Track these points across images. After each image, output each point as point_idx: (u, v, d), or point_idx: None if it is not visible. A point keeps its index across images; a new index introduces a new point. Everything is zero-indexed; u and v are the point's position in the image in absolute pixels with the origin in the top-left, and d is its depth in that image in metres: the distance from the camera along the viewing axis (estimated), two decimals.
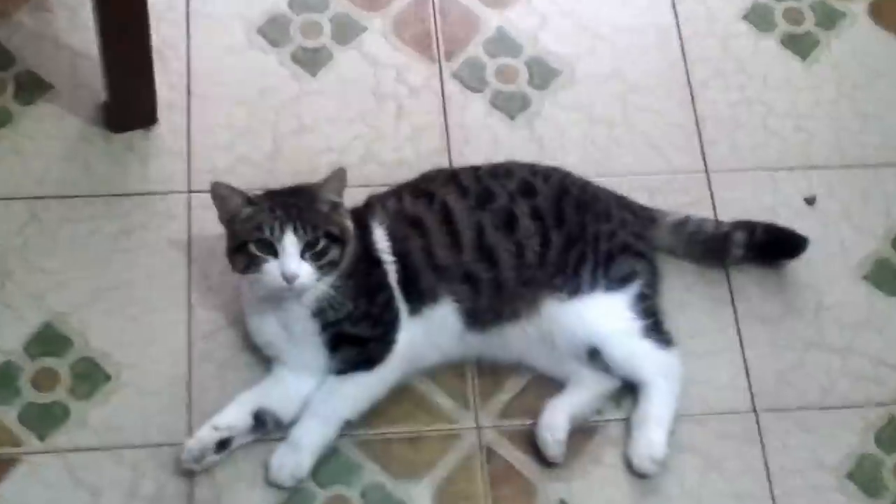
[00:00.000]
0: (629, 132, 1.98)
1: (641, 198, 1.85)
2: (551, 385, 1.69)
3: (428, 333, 1.65)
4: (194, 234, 1.78)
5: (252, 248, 1.53)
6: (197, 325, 1.71)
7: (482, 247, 1.65)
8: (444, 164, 1.88)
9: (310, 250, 1.53)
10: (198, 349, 1.70)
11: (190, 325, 1.72)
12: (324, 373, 1.65)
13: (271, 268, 1.52)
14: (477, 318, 1.65)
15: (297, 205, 1.56)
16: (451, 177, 1.75)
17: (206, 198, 1.61)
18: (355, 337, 1.61)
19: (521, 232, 1.67)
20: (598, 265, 1.68)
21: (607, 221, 1.73)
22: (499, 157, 1.86)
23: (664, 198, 1.87)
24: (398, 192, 1.73)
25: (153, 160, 1.87)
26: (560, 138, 1.96)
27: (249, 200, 1.58)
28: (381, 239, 1.66)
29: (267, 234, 1.52)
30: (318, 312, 1.59)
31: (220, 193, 1.58)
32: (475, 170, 1.76)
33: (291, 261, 1.51)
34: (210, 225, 1.66)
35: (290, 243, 1.51)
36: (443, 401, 1.68)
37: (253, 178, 1.80)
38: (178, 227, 1.80)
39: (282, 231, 1.52)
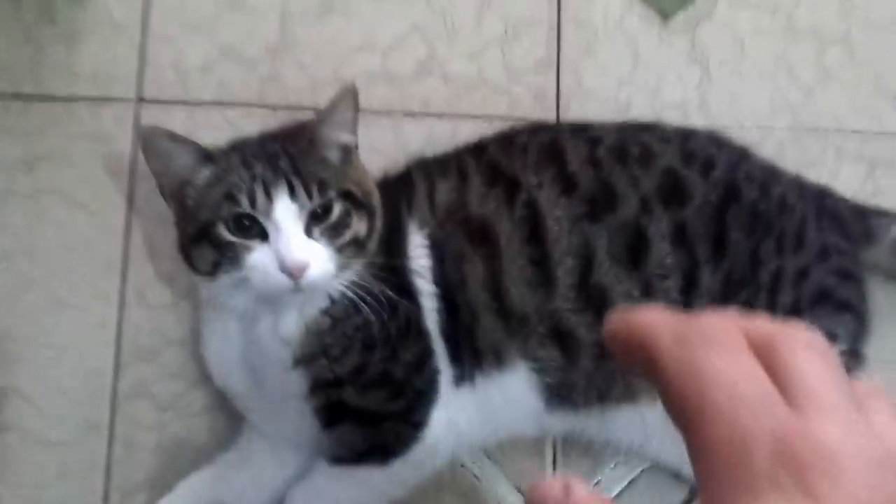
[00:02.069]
0: (858, 61, 1.27)
1: (858, 171, 1.20)
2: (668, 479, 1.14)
3: (483, 412, 1.05)
4: (142, 173, 1.15)
5: (223, 231, 0.95)
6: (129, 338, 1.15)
7: (587, 285, 1.02)
8: (548, 88, 1.22)
9: (320, 222, 0.96)
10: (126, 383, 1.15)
11: (119, 339, 1.16)
12: (312, 454, 1.08)
13: (261, 258, 0.95)
14: (568, 395, 1.05)
15: (288, 152, 0.98)
16: (551, 152, 1.08)
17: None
18: (363, 412, 1.03)
19: (652, 264, 1.03)
20: None
21: (798, 250, 1.07)
22: (636, 82, 1.22)
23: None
24: (460, 163, 1.10)
25: (86, 44, 1.21)
26: (739, 58, 1.26)
27: (208, 156, 0.99)
28: (418, 252, 1.06)
29: (246, 204, 0.96)
30: (305, 359, 1.01)
31: (158, 146, 1.00)
32: (592, 144, 1.08)
33: (293, 240, 0.95)
34: None
35: (287, 213, 0.96)
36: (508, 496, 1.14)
37: (241, 91, 1.19)
38: (117, 158, 1.18)
39: (269, 195, 0.96)
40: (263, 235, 0.95)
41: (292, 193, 0.95)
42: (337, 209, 0.97)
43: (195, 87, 1.19)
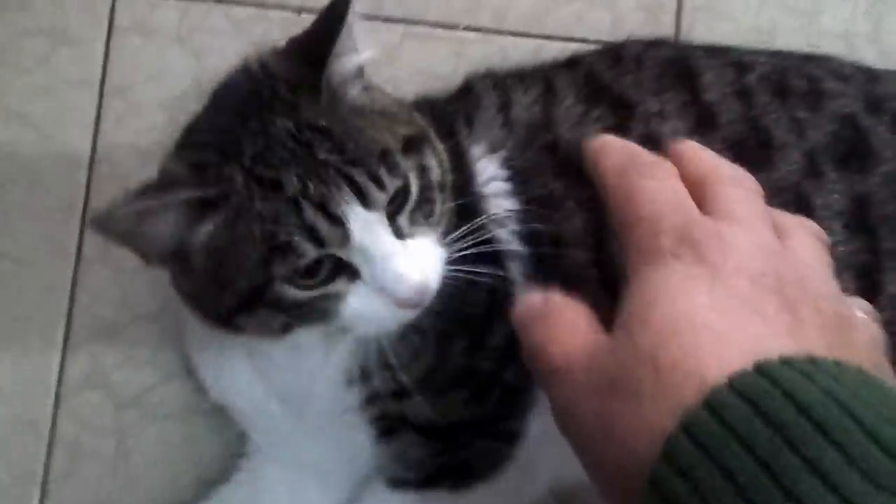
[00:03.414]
0: None
1: None
2: None
3: None
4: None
5: (288, 290, 0.65)
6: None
7: None
8: (665, 2, 0.94)
9: (403, 206, 0.67)
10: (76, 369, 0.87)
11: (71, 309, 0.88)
12: (358, 478, 0.81)
13: (365, 305, 0.66)
14: None
15: (318, 128, 0.66)
16: (679, 72, 0.81)
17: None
18: (434, 426, 0.77)
19: None
20: None
21: None
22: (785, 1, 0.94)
23: None
24: (546, 75, 0.83)
25: None
26: None
27: (203, 203, 0.65)
28: (493, 187, 0.78)
29: (308, 248, 0.64)
30: (361, 375, 0.75)
31: (122, 230, 0.65)
32: (738, 69, 0.81)
33: (398, 262, 0.65)
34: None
35: (369, 229, 0.65)
36: None
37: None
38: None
39: (334, 217, 0.64)
40: (351, 273, 0.65)
41: (361, 196, 0.65)
42: (412, 175, 0.67)
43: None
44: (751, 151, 0.77)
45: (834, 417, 0.38)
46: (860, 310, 0.48)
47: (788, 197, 0.76)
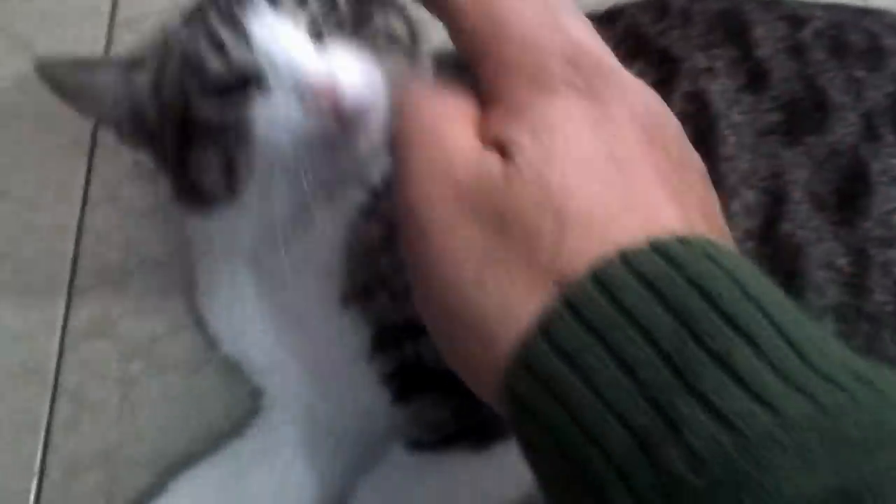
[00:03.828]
0: None
1: None
2: None
3: None
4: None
5: (200, 107, 0.65)
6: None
7: (772, 235, 0.71)
8: None
9: (327, 22, 0.65)
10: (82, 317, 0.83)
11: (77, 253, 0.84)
12: (374, 441, 0.77)
13: (268, 108, 0.64)
14: None
15: None
16: (730, 25, 0.76)
17: None
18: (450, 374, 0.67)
19: (872, 221, 0.71)
20: None
21: None
22: None
23: None
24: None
25: None
26: None
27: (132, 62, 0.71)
28: None
29: (209, 56, 0.65)
30: (356, 294, 0.70)
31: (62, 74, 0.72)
32: (792, 23, 0.76)
33: (300, 54, 0.63)
34: None
35: (275, 30, 0.64)
36: None
37: None
38: None
39: (236, 21, 0.65)
40: (259, 82, 0.64)
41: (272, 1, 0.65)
42: None
43: None
44: (805, 112, 0.72)
45: (743, 308, 0.34)
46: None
47: (844, 162, 0.71)
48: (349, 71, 0.63)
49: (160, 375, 0.80)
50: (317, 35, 0.64)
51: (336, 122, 0.62)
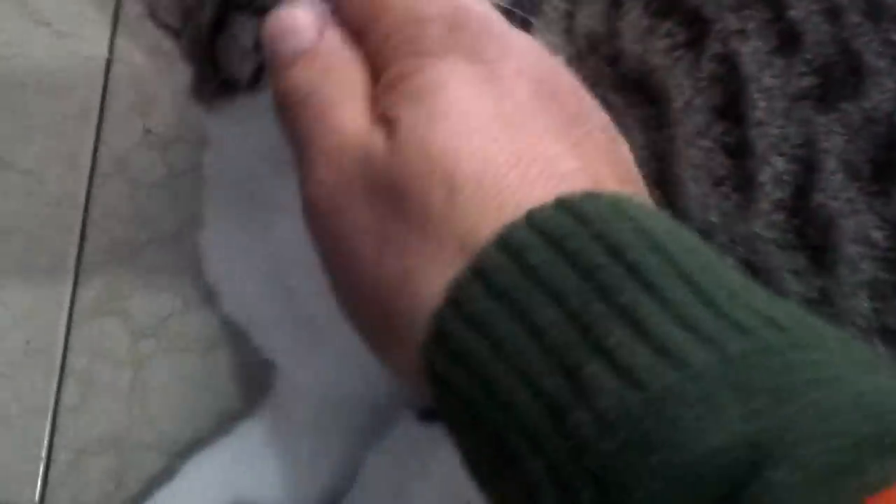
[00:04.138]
0: None
1: None
2: None
3: None
4: None
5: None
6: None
7: (804, 206, 0.68)
8: None
9: None
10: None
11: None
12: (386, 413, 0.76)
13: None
14: None
15: None
16: None
17: None
18: None
19: None
20: None
21: None
22: None
23: None
24: None
25: None
26: None
27: None
28: None
29: None
30: None
31: None
32: None
33: None
34: None
35: None
36: None
37: None
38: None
39: None
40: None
41: None
42: None
43: None
44: (840, 77, 0.69)
45: (648, 260, 0.34)
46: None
47: (880, 129, 0.68)
48: None
49: (172, 355, 0.78)
50: None
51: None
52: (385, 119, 0.39)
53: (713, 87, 0.70)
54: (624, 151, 0.42)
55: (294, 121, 0.42)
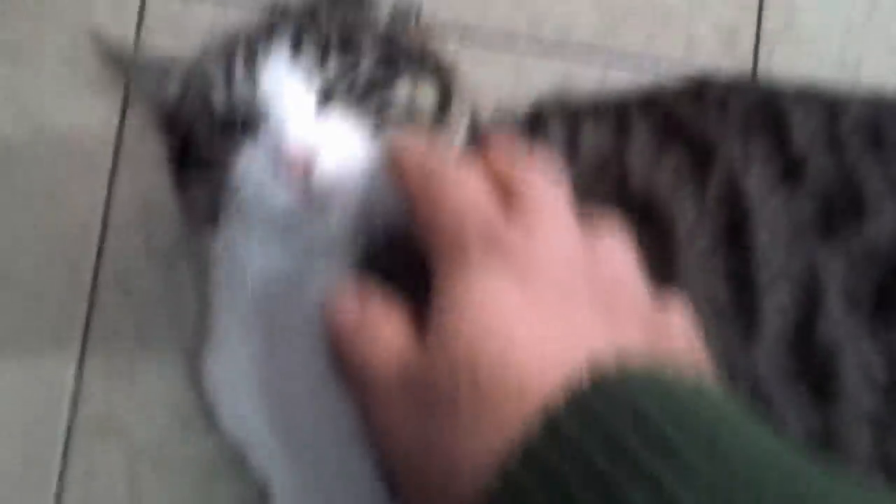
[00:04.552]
0: None
1: None
2: None
3: None
4: None
5: (201, 134, 0.64)
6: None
7: (807, 338, 0.68)
8: (743, 27, 0.85)
9: (342, 89, 0.63)
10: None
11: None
12: None
13: (250, 158, 0.62)
14: None
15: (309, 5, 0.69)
16: (766, 116, 0.74)
17: None
18: None
19: None
20: None
21: None
22: (872, 33, 0.86)
23: None
24: (618, 107, 0.76)
25: None
26: None
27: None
28: None
29: (220, 89, 0.63)
30: None
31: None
32: (829, 114, 0.74)
33: (293, 119, 0.61)
34: None
35: (284, 81, 0.62)
36: None
37: None
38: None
39: (253, 62, 0.63)
40: (251, 128, 0.62)
41: (296, 46, 0.62)
42: (366, 62, 0.63)
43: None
44: (841, 207, 0.70)
45: (671, 434, 0.37)
46: (675, 302, 0.49)
47: (881, 259, 0.69)
48: (335, 149, 0.60)
49: (168, 478, 0.77)
50: (324, 96, 0.62)
51: (301, 194, 0.60)
52: (423, 329, 0.45)
53: (718, 212, 0.71)
54: (669, 323, 0.47)
55: (356, 380, 0.49)
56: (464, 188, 0.50)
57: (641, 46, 0.84)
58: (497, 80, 0.82)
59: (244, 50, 0.64)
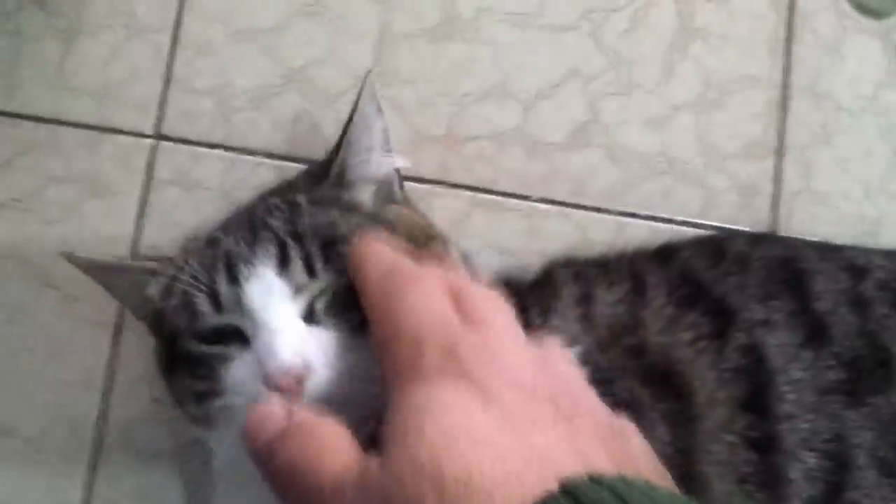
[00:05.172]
0: None
1: None
2: None
3: None
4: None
5: (190, 343, 0.64)
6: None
7: None
8: (762, 184, 0.85)
9: (330, 300, 0.62)
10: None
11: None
12: None
13: (239, 373, 0.61)
14: None
15: (288, 202, 0.68)
16: (787, 276, 0.73)
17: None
18: None
19: None
20: None
21: None
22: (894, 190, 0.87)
23: None
24: (633, 268, 0.75)
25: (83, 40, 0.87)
26: None
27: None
28: None
29: (205, 305, 0.63)
30: None
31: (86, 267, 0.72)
32: (853, 274, 0.73)
33: (280, 335, 0.59)
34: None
35: (269, 296, 0.61)
36: None
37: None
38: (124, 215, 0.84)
39: (236, 277, 0.63)
40: (244, 340, 0.62)
41: (283, 263, 0.62)
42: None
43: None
44: (868, 371, 0.68)
45: None
46: (629, 424, 0.48)
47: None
48: (325, 360, 0.60)
49: None
50: (310, 314, 0.62)
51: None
52: (378, 442, 0.44)
53: (737, 379, 0.69)
54: (630, 442, 0.46)
55: (291, 487, 0.46)
56: (423, 297, 0.50)
57: (655, 206, 0.84)
58: (510, 239, 0.83)
59: (225, 262, 0.64)
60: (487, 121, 0.86)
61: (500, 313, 0.51)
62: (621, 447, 0.44)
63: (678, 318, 0.70)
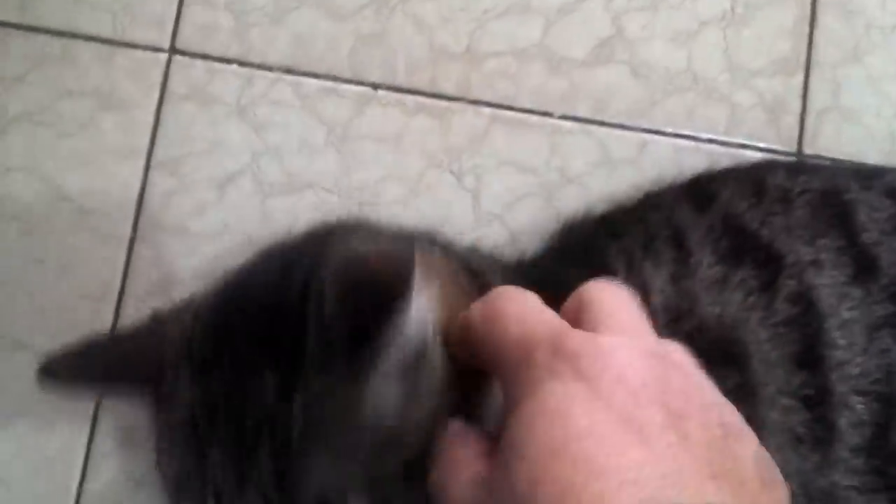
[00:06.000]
0: None
1: None
2: None
3: None
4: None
5: None
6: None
7: (885, 448, 0.63)
8: (789, 101, 0.83)
9: None
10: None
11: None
12: None
13: None
14: None
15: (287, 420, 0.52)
16: (832, 208, 0.69)
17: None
18: None
19: None
20: None
21: None
22: None
23: None
24: (674, 225, 0.71)
25: None
26: None
27: None
28: None
29: None
30: None
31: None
32: None
33: None
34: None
35: None
36: None
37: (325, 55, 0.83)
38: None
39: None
40: None
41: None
42: None
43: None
44: None
45: None
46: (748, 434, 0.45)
47: None
48: None
49: None
50: None
51: None
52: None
53: (790, 332, 0.66)
54: (744, 449, 0.43)
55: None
56: (526, 304, 0.48)
57: (679, 123, 0.82)
58: (528, 158, 0.81)
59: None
60: (508, 36, 0.84)
61: (623, 310, 0.48)
62: (729, 452, 0.42)
63: (727, 278, 0.67)
